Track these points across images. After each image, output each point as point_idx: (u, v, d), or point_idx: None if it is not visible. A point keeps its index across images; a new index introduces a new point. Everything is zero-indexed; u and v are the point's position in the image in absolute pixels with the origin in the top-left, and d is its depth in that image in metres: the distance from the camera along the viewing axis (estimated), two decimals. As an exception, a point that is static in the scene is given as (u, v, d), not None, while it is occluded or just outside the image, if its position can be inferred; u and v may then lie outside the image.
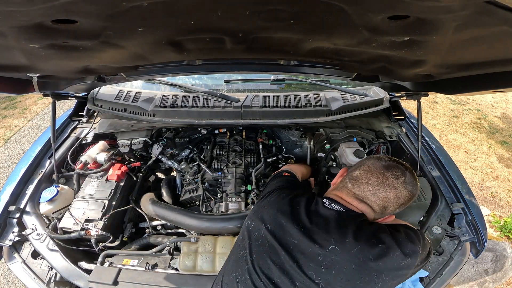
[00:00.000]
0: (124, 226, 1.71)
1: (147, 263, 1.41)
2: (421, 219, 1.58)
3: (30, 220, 1.57)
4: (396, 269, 0.94)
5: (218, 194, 1.86)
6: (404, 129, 2.14)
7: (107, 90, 2.05)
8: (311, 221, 1.01)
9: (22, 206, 1.60)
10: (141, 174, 1.99)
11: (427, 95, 1.66)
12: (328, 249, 0.93)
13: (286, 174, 1.43)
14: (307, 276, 0.92)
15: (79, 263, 1.47)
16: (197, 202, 1.85)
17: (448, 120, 5.28)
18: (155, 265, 1.41)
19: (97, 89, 2.02)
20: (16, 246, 1.51)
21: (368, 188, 1.04)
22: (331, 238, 0.95)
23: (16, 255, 1.48)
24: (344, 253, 0.92)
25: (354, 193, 1.07)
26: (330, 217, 1.02)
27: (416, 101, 1.75)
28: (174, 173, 2.24)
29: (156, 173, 2.26)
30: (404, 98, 1.93)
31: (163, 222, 1.72)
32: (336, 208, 1.04)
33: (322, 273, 0.92)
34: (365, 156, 1.82)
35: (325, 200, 1.08)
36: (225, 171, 1.93)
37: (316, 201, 1.10)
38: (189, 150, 2.13)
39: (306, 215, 1.04)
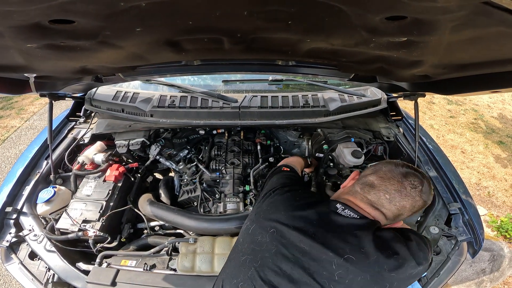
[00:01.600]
0: (122, 227, 1.70)
1: (145, 264, 1.41)
2: (419, 219, 1.59)
3: (27, 221, 1.56)
4: (408, 278, 0.93)
5: (216, 195, 1.86)
6: (401, 130, 2.15)
7: (105, 91, 2.04)
8: (324, 228, 0.97)
9: (19, 207, 1.59)
10: (139, 175, 1.99)
11: (424, 95, 1.67)
12: (344, 257, 0.90)
13: (285, 169, 1.37)
14: (318, 283, 0.89)
15: (76, 264, 1.46)
16: (195, 202, 1.85)
17: (445, 120, 5.30)
18: (153, 266, 1.41)
19: (94, 89, 2.01)
20: (13, 247, 1.50)
21: (385, 196, 1.01)
22: (347, 247, 0.92)
23: (13, 256, 1.47)
24: (360, 263, 0.89)
25: (369, 200, 1.03)
26: (345, 225, 0.97)
27: (413, 101, 1.76)
28: (172, 174, 2.23)
29: (154, 174, 2.26)
30: (402, 98, 1.93)
31: (161, 222, 1.72)
32: (351, 215, 1.00)
33: (335, 281, 0.88)
34: (363, 156, 1.82)
35: (338, 206, 1.03)
36: (223, 171, 1.93)
37: (329, 205, 1.05)
38: (187, 151, 2.13)
39: (318, 220, 1.00)
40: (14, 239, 1.49)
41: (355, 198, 1.06)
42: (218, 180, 1.93)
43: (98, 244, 1.54)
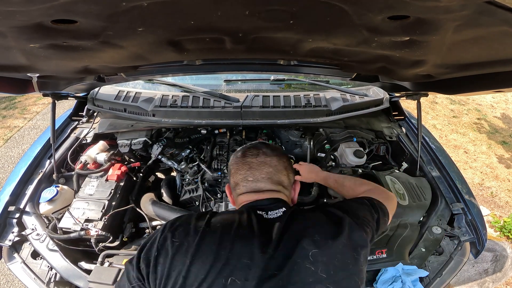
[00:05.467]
0: (124, 226, 1.71)
1: (147, 263, 1.41)
2: (421, 219, 1.58)
3: (29, 220, 1.57)
4: None
5: (218, 194, 1.86)
6: (404, 129, 2.14)
7: (107, 90, 2.05)
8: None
9: (22, 206, 1.60)
10: (141, 174, 1.99)
11: (427, 95, 1.67)
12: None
13: None
14: None
15: (79, 263, 1.47)
16: (197, 202, 1.85)
17: (448, 120, 5.28)
18: (155, 265, 1.41)
19: (97, 89, 2.02)
20: (16, 246, 1.51)
21: (249, 180, 1.02)
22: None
23: (16, 255, 1.48)
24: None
25: (249, 190, 1.03)
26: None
27: (416, 101, 1.76)
28: (174, 173, 2.23)
29: (156, 173, 2.26)
30: (404, 98, 1.93)
31: (163, 222, 1.72)
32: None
33: None
34: (365, 156, 1.82)
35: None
36: (225, 171, 1.93)
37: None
38: (189, 150, 2.13)
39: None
40: (16, 238, 1.49)
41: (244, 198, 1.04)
42: (219, 180, 1.93)
43: (100, 244, 1.54)
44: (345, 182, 1.36)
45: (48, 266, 1.44)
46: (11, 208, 1.57)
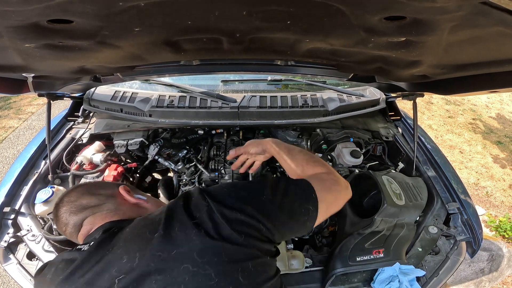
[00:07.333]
0: (121, 227, 1.70)
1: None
2: (417, 219, 1.59)
3: (25, 221, 1.55)
4: None
5: (215, 195, 1.85)
6: (400, 129, 2.16)
7: (103, 91, 2.04)
8: None
9: (17, 207, 1.59)
10: (137, 175, 1.98)
11: (422, 95, 1.68)
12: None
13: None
14: None
15: (75, 264, 1.46)
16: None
17: (443, 120, 5.32)
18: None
19: (93, 89, 2.01)
20: (11, 247, 1.49)
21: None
22: None
23: (11, 256, 1.46)
24: None
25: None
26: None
27: (412, 101, 1.77)
28: (170, 174, 2.23)
29: (153, 174, 2.26)
30: (400, 98, 1.94)
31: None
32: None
33: None
34: (362, 156, 1.83)
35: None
36: (222, 171, 1.93)
37: None
38: (186, 151, 2.12)
39: None
40: (12, 239, 1.48)
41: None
42: (217, 180, 1.93)
43: (97, 245, 1.53)
44: (298, 155, 1.16)
45: (44, 268, 1.43)
46: (6, 209, 1.56)
